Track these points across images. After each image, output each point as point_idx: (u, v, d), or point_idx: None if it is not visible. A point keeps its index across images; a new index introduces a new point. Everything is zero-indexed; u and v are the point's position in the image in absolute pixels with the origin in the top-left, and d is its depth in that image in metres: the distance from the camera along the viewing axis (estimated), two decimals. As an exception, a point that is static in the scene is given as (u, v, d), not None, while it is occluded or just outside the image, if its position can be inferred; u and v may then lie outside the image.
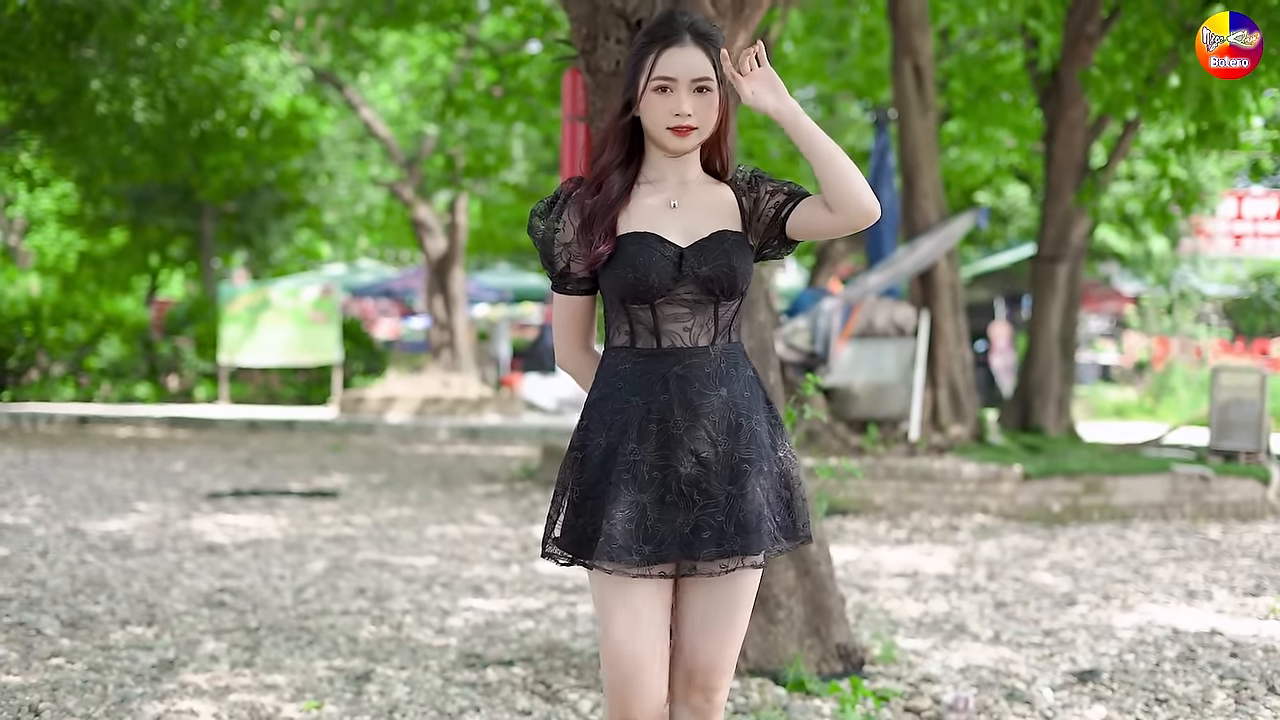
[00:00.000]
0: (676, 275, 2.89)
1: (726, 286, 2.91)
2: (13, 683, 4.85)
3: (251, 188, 25.95)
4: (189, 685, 4.91)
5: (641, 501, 2.86)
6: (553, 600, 6.76)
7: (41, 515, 9.33)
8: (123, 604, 6.38)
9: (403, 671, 5.20)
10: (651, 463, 2.88)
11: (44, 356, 23.68)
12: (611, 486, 2.88)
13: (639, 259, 2.88)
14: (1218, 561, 8.29)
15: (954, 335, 12.02)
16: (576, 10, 4.76)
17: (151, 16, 16.59)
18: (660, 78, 2.88)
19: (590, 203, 2.95)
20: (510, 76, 16.95)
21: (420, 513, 9.99)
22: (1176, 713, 4.80)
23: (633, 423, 2.89)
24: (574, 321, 3.07)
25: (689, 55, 2.89)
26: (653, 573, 2.88)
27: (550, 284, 3.03)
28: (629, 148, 2.99)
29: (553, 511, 2.99)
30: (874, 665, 5.33)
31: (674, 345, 2.92)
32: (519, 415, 21.47)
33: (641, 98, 2.92)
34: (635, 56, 2.95)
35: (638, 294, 2.89)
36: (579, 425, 2.99)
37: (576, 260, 2.96)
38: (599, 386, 2.99)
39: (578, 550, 2.92)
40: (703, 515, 2.86)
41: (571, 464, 2.97)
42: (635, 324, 2.93)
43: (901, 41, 11.97)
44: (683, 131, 2.90)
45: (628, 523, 2.84)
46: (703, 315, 2.92)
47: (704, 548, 2.86)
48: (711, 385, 2.92)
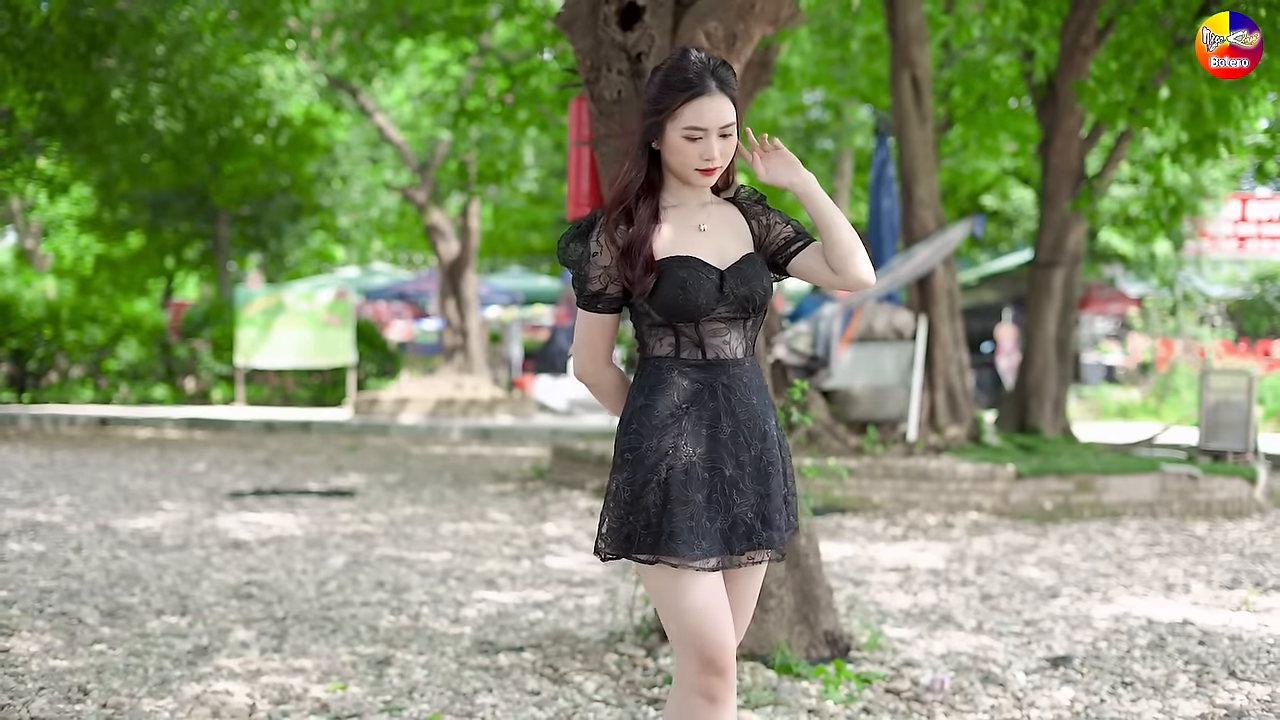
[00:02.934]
0: (719, 296, 3.15)
1: (759, 304, 3.20)
2: (61, 666, 5.24)
3: (267, 192, 26.36)
4: (223, 669, 5.30)
5: (696, 501, 3.11)
6: (561, 593, 7.14)
7: (72, 513, 9.72)
8: (156, 595, 6.77)
9: (420, 657, 5.58)
10: (702, 464, 3.14)
11: (63, 359, 24.10)
12: (670, 487, 3.12)
13: (688, 282, 3.12)
14: (1200, 557, 8.63)
15: (951, 339, 12.38)
16: (581, 43, 5.15)
17: (171, 27, 17.01)
18: (692, 128, 3.11)
19: (624, 232, 3.17)
20: (522, 85, 17.30)
21: (434, 511, 10.37)
22: (1140, 694, 5.16)
23: (686, 428, 3.15)
24: (601, 337, 3.28)
25: (717, 105, 3.12)
26: (708, 567, 3.12)
27: (579, 302, 3.25)
28: (649, 178, 3.23)
29: (604, 511, 3.23)
30: (860, 651, 5.70)
31: (719, 357, 3.18)
32: (530, 416, 21.85)
33: (665, 139, 3.16)
34: (659, 100, 3.15)
35: (685, 313, 3.13)
36: (626, 429, 3.21)
37: (614, 284, 3.19)
38: (644, 393, 3.21)
39: (629, 547, 3.16)
40: (739, 512, 3.15)
41: (622, 466, 3.19)
42: (680, 337, 3.18)
43: (900, 54, 12.32)
44: (710, 172, 3.18)
45: (689, 520, 3.09)
46: (737, 329, 3.20)
47: (739, 542, 3.14)
48: (748, 394, 3.20)
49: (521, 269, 36.88)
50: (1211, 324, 27.01)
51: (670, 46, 5.06)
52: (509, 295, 32.06)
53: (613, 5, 5.04)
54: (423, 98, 23.59)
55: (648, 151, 3.21)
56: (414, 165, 24.04)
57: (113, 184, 22.66)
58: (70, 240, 34.47)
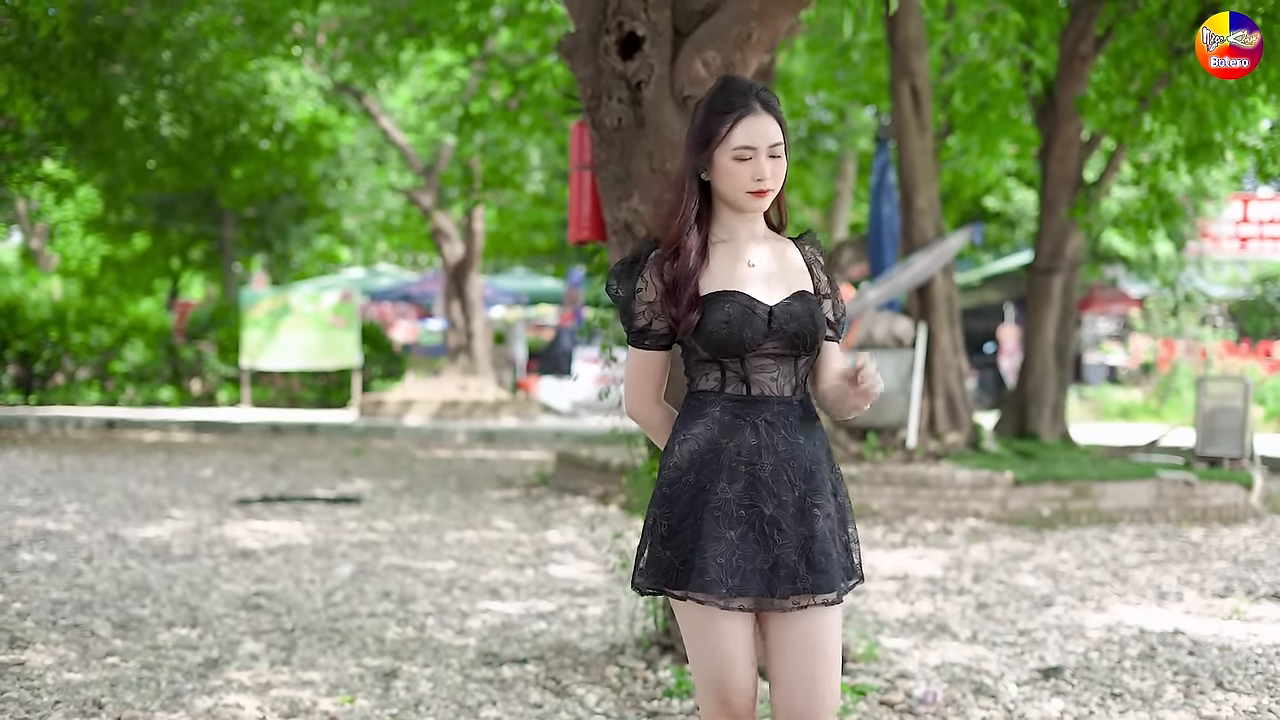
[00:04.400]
0: (767, 332, 3.09)
1: (810, 342, 3.13)
2: (75, 679, 5.38)
3: (273, 195, 26.50)
4: (233, 682, 5.43)
5: (730, 538, 3.03)
6: (564, 603, 7.27)
7: (82, 522, 9.86)
8: (167, 607, 6.90)
9: (426, 669, 5.71)
10: (739, 501, 3.06)
11: (69, 361, 24.26)
12: (703, 523, 3.05)
13: (734, 317, 3.07)
14: (1194, 564, 8.75)
15: (950, 346, 12.50)
16: (582, 71, 5.27)
17: (177, 33, 17.12)
18: (742, 147, 3.08)
19: (670, 267, 3.13)
20: (527, 90, 17.41)
21: (440, 518, 10.51)
22: (1128, 706, 5.28)
23: (724, 464, 3.08)
24: (650, 376, 3.24)
25: (764, 124, 3.10)
26: (733, 605, 3.05)
27: (628, 339, 3.22)
28: (698, 211, 3.18)
29: (641, 545, 3.18)
30: (855, 663, 5.83)
31: (763, 393, 3.12)
32: (535, 418, 21.99)
33: (714, 166, 3.12)
34: (706, 127, 3.13)
35: (730, 349, 3.08)
36: (667, 463, 3.15)
37: (660, 319, 3.15)
38: (686, 427, 3.15)
39: (664, 581, 3.11)
40: (781, 553, 3.04)
41: (661, 500, 3.14)
42: (726, 371, 3.12)
43: (899, 64, 12.43)
44: (762, 194, 3.12)
45: (719, 557, 3.02)
46: (786, 367, 3.14)
47: (781, 585, 3.04)
48: (794, 433, 3.12)
49: (526, 270, 37.00)
50: (1213, 325, 27.11)
51: (669, 76, 5.18)
52: (513, 296, 32.18)
53: (613, 35, 5.16)
54: (428, 101, 23.71)
55: (697, 183, 3.18)
56: (419, 168, 24.17)
57: (119, 186, 22.82)
58: (76, 241, 34.62)
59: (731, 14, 5.12)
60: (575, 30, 5.40)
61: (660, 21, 5.16)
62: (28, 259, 35.38)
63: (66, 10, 14.67)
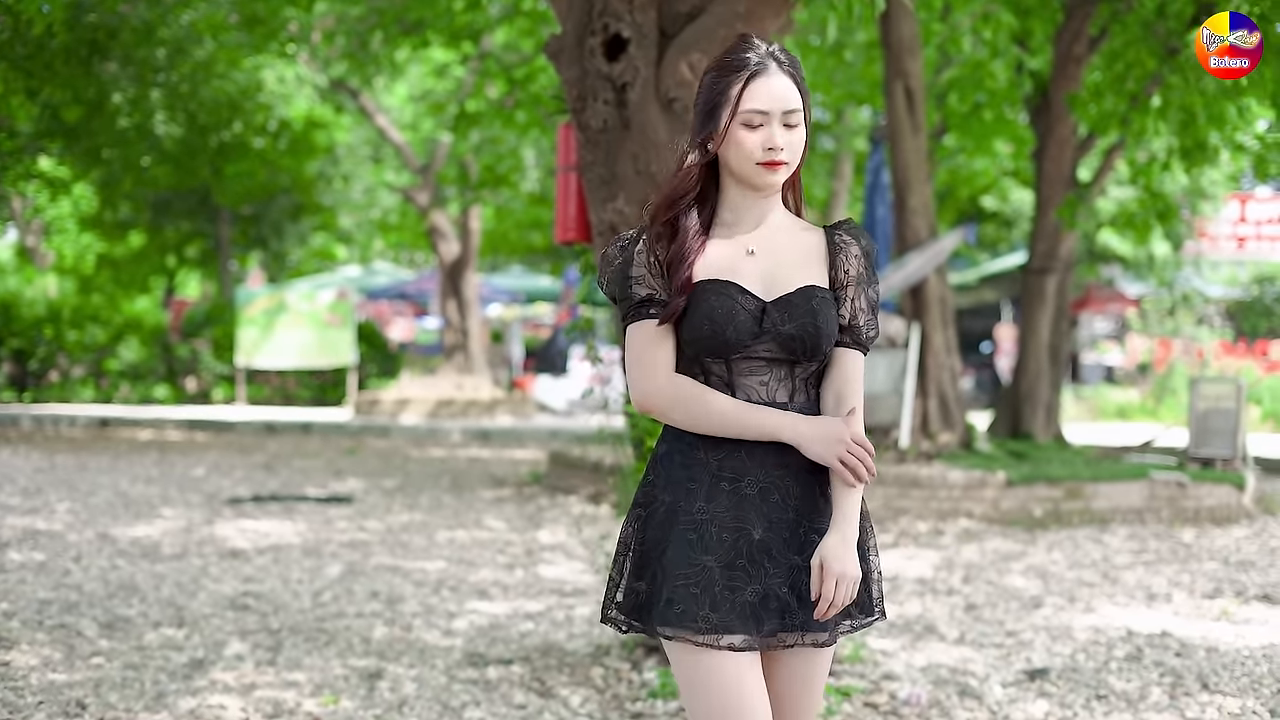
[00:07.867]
0: (756, 331, 2.68)
1: (809, 348, 2.70)
2: (60, 680, 5.37)
3: (269, 193, 26.50)
4: (218, 682, 5.42)
5: (707, 565, 2.63)
6: (552, 604, 7.26)
7: (72, 521, 9.85)
8: (154, 607, 6.89)
9: (411, 670, 5.71)
10: (721, 524, 2.66)
11: (64, 358, 24.25)
12: (672, 545, 2.66)
13: (717, 311, 2.66)
14: (1185, 565, 8.75)
15: (944, 347, 12.50)
16: (568, 73, 5.27)
17: (172, 31, 17.12)
18: (751, 110, 2.67)
19: (664, 247, 2.73)
20: (522, 89, 17.42)
21: (431, 518, 10.50)
22: (1113, 707, 5.28)
23: (701, 480, 2.68)
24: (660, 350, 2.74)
25: (779, 84, 2.68)
26: (720, 644, 2.62)
27: (626, 319, 2.77)
28: (702, 188, 2.77)
29: (614, 573, 2.78)
30: (842, 664, 5.83)
31: (750, 400, 2.70)
32: (530, 417, 22.00)
33: (724, 134, 2.71)
34: (713, 90, 2.72)
35: (712, 348, 2.68)
36: (645, 480, 2.79)
37: (662, 291, 2.73)
38: (666, 440, 2.77)
39: (638, 615, 2.71)
40: (770, 584, 2.65)
41: (634, 521, 2.76)
42: (709, 377, 2.72)
43: (893, 65, 12.43)
44: (774, 166, 2.69)
45: (691, 586, 2.62)
46: (781, 372, 2.72)
47: (770, 620, 2.64)
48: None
49: (522, 268, 37.01)
50: (1210, 325, 27.11)
51: (655, 78, 5.18)
52: (510, 294, 32.19)
53: (598, 37, 5.16)
54: (424, 99, 23.71)
55: (702, 156, 2.75)
56: (415, 166, 24.17)
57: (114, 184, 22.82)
58: (71, 239, 34.60)
59: (717, 16, 5.12)
60: (562, 32, 5.39)
61: (645, 23, 5.16)
62: (23, 256, 35.35)
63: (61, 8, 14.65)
